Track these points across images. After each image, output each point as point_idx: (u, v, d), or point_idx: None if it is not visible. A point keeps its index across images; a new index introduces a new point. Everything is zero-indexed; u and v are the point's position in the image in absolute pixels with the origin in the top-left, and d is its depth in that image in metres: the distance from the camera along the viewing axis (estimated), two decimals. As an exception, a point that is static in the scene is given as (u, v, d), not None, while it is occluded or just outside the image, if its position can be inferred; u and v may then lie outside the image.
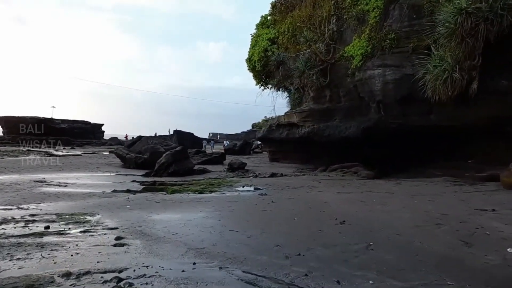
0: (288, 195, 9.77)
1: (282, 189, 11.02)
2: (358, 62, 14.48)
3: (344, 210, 7.65)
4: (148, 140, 20.70)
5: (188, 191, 10.63)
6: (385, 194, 9.73)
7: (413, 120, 13.66)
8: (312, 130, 17.70)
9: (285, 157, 22.67)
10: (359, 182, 12.78)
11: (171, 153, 15.50)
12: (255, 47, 24.06)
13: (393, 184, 11.95)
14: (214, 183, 12.18)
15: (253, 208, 8.01)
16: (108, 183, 12.65)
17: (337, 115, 17.19)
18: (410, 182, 12.16)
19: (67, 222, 6.59)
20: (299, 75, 16.73)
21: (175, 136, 30.82)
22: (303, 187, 11.42)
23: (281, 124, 21.50)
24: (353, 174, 15.07)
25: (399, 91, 13.39)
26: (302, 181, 13.11)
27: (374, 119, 14.86)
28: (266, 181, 13.15)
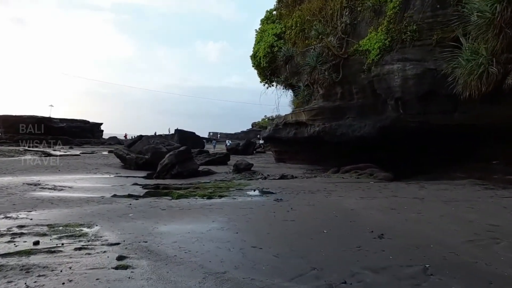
0: (306, 201, 8.84)
1: (298, 194, 10.09)
2: (375, 56, 13.55)
3: (376, 220, 6.73)
4: (149, 140, 19.76)
5: (195, 196, 9.70)
6: (414, 200, 8.80)
7: (435, 118, 12.74)
8: (323, 129, 16.77)
9: (292, 157, 21.76)
10: (378, 185, 11.85)
11: (175, 154, 14.57)
12: (260, 43, 23.13)
13: (417, 187, 11.04)
14: (222, 186, 11.25)
15: (271, 217, 7.07)
16: (107, 186, 11.71)
17: (349, 113, 16.27)
18: (435, 186, 11.25)
19: (60, 236, 5.65)
20: (310, 71, 15.81)
21: (176, 135, 29.83)
22: (320, 191, 10.49)
23: (288, 123, 20.58)
24: (369, 176, 14.15)
25: (420, 87, 12.46)
26: (317, 184, 12.18)
27: (391, 118, 13.93)
28: (277, 184, 12.23)
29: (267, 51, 22.19)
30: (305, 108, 18.63)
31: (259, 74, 25.56)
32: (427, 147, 16.00)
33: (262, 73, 25.13)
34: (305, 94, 17.08)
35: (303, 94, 17.14)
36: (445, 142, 14.63)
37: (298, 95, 17.97)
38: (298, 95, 17.80)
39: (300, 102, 18.46)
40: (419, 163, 16.23)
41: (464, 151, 14.38)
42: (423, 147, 16.25)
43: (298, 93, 17.90)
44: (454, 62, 10.45)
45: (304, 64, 16.12)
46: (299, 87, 17.80)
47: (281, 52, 18.61)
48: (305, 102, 17.98)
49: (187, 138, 29.72)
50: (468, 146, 14.01)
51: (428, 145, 15.64)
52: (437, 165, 15.44)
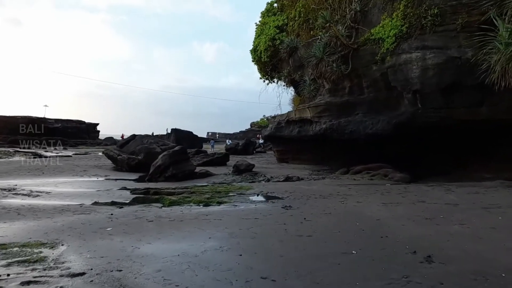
0: (320, 208, 7.51)
1: (308, 199, 8.76)
2: (390, 45, 12.22)
3: (413, 234, 5.40)
4: (143, 139, 18.40)
5: (190, 203, 8.37)
6: (447, 207, 7.47)
7: (459, 113, 11.41)
8: (331, 126, 15.43)
9: (295, 157, 20.41)
10: (397, 188, 10.52)
11: (169, 154, 13.22)
12: (261, 37, 21.79)
13: (443, 190, 9.70)
14: (221, 190, 9.91)
15: (282, 231, 5.74)
16: (91, 191, 10.35)
17: (359, 109, 14.93)
18: (463, 189, 9.92)
19: (10, 262, 4.31)
20: (316, 63, 14.47)
21: (173, 135, 28.38)
22: (333, 196, 9.17)
23: (291, 120, 19.23)
24: (383, 177, 12.83)
25: (442, 78, 11.13)
26: (327, 187, 10.85)
27: (408, 113, 12.60)
28: (283, 187, 10.90)
29: (268, 44, 20.85)
30: (310, 104, 17.30)
31: (259, 69, 24.23)
32: (443, 145, 14.71)
33: (263, 68, 23.79)
34: (311, 89, 15.72)
35: (309, 89, 15.79)
36: (464, 140, 13.32)
37: (303, 90, 16.61)
38: (303, 90, 16.44)
39: (306, 98, 17.13)
40: (434, 162, 14.92)
41: (484, 149, 13.08)
42: (438, 145, 14.95)
43: (303, 88, 16.54)
44: (489, 47, 9.12)
45: (310, 55, 14.77)
46: (303, 81, 16.44)
47: (284, 44, 17.23)
48: (310, 98, 16.65)
49: (184, 138, 28.31)
50: (489, 143, 12.72)
51: (445, 143, 14.33)
52: (455, 164, 14.13)
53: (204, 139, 58.18)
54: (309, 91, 15.94)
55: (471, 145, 13.22)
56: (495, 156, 12.64)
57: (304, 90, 16.38)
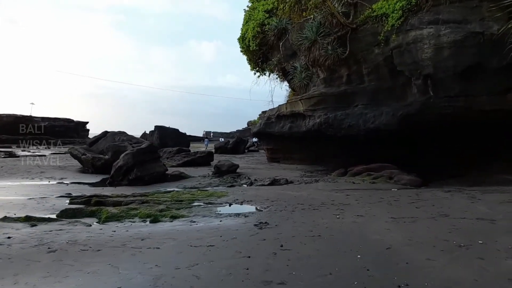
0: (307, 227, 5.43)
1: (294, 211, 6.68)
2: (396, 20, 10.17)
3: (446, 277, 3.33)
4: (114, 137, 16.30)
5: (134, 217, 6.29)
6: (481, 224, 5.41)
7: (480, 102, 9.38)
8: (326, 120, 13.36)
9: (287, 156, 18.34)
10: (406, 194, 8.45)
11: (132, 153, 11.11)
12: (249, 23, 19.70)
13: (466, 198, 7.64)
14: (185, 198, 7.81)
15: (241, 272, 3.66)
16: (21, 199, 8.23)
17: (358, 100, 12.87)
18: (490, 195, 7.86)
19: None
20: (308, 46, 12.38)
21: (156, 132, 26.18)
22: (326, 206, 7.09)
23: (282, 115, 17.15)
24: (388, 180, 10.77)
25: (460, 58, 9.09)
26: (320, 194, 8.78)
27: (418, 103, 10.54)
28: (265, 194, 8.83)
29: (257, 30, 18.76)
30: (302, 96, 15.21)
31: (249, 60, 22.13)
32: (456, 142, 12.68)
33: (252, 58, 21.69)
34: (302, 77, 13.62)
35: (300, 76, 13.68)
36: (482, 135, 11.30)
37: (293, 79, 14.50)
38: (294, 78, 14.33)
39: (297, 87, 15.01)
40: (445, 161, 12.90)
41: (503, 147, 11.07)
42: (451, 142, 12.92)
43: (293, 76, 14.43)
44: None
45: (301, 38, 12.67)
46: (293, 68, 14.32)
47: (272, 26, 15.13)
48: (301, 88, 14.55)
49: (169, 136, 26.16)
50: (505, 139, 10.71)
51: (458, 139, 12.30)
52: (470, 164, 12.10)
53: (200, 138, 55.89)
54: (300, 79, 13.83)
55: (490, 142, 11.21)
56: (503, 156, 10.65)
57: (295, 79, 14.27)
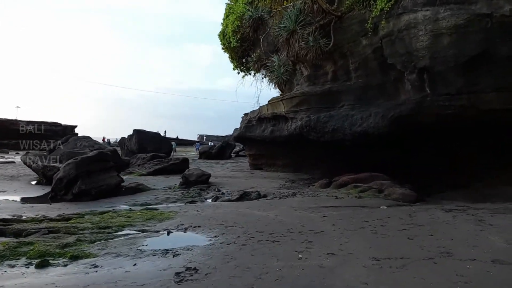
0: (250, 275, 3.74)
1: (245, 244, 4.99)
2: (386, 3, 8.53)
3: None
4: (76, 142, 14.60)
5: (22, 256, 4.59)
6: (501, 271, 3.72)
7: (487, 99, 7.74)
8: (307, 123, 11.69)
9: (270, 163, 16.64)
10: (398, 215, 6.76)
11: (75, 163, 9.37)
12: (230, 17, 18.06)
13: (472, 221, 5.97)
14: (114, 224, 6.08)
15: None
16: None
17: (344, 99, 11.21)
18: (501, 217, 6.21)
19: None
20: (287, 37, 10.72)
21: (134, 137, 24.35)
22: (291, 235, 5.40)
23: (263, 117, 15.48)
24: (377, 193, 9.08)
25: (463, 47, 7.45)
26: (292, 213, 7.09)
27: (412, 102, 8.88)
28: (225, 213, 7.13)
29: (237, 24, 17.10)
30: (283, 96, 13.56)
31: (231, 58, 20.47)
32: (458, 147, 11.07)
33: (235, 56, 20.03)
34: (281, 72, 11.94)
35: (279, 72, 12.00)
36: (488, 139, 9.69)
37: (272, 74, 12.82)
38: (272, 73, 12.66)
39: (275, 83, 13.33)
40: (446, 169, 11.28)
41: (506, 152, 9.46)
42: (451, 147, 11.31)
43: (271, 71, 12.76)
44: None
45: (279, 28, 11.02)
46: (271, 62, 12.64)
47: (247, 16, 13.49)
48: (281, 85, 12.88)
49: (149, 140, 24.39)
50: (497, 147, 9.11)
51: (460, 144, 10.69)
52: (472, 171, 10.48)
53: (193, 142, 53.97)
54: (278, 75, 12.14)
55: (497, 147, 9.57)
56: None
57: (272, 74, 12.59)
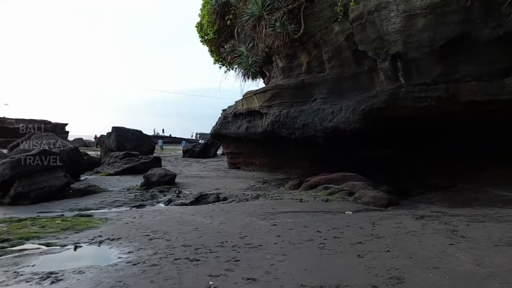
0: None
1: (156, 265, 4.03)
2: (355, -19, 7.56)
3: None
4: (39, 139, 13.52)
5: None
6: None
7: (468, 90, 6.79)
8: (277, 119, 10.75)
9: (248, 162, 15.68)
10: (361, 222, 5.82)
11: (10, 162, 8.38)
12: (206, 7, 17.03)
13: (443, 232, 5.03)
14: (15, 237, 5.10)
15: None
16: None
17: (318, 92, 10.26)
18: (477, 226, 5.26)
19: None
20: (254, 24, 9.75)
21: (113, 134, 23.27)
22: (220, 251, 4.45)
23: (239, 113, 14.50)
24: (347, 195, 8.14)
25: (440, 29, 6.50)
26: (240, 220, 6.15)
27: (385, 93, 7.93)
28: (162, 221, 6.20)
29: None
30: (258, 90, 12.59)
31: (210, 52, 19.33)
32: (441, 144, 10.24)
33: (215, 50, 18.98)
34: (249, 63, 10.96)
35: (247, 62, 11.01)
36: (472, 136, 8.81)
37: (240, 65, 11.83)
38: (240, 64, 11.66)
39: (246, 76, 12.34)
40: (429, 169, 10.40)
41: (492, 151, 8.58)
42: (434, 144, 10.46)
43: (239, 62, 11.76)
44: None
45: (246, 14, 10.04)
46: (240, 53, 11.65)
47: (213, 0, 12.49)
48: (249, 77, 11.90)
49: (129, 138, 23.32)
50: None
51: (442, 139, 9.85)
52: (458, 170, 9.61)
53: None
54: (246, 66, 11.15)
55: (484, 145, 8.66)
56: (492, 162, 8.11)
57: (241, 66, 11.60)
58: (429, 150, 10.79)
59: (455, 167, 9.91)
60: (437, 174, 10.30)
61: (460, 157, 9.66)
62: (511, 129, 7.51)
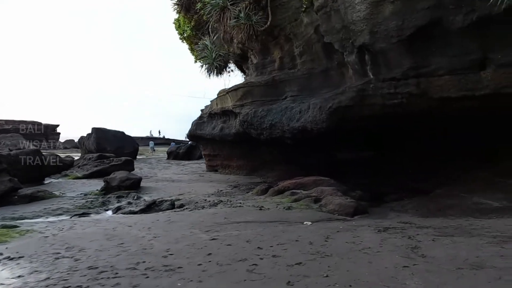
0: None
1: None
2: (318, -35, 6.82)
3: None
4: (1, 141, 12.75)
5: None
6: None
7: (440, 85, 6.04)
8: (245, 118, 10.00)
9: (225, 164, 14.90)
10: (313, 235, 5.06)
11: None
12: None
13: (401, 251, 4.26)
14: None
15: None
16: None
17: (288, 90, 9.51)
18: (444, 242, 4.52)
19: None
20: (217, 17, 9.01)
21: (93, 135, 22.37)
22: (125, 278, 3.67)
23: (214, 113, 13.75)
24: (313, 203, 7.38)
25: (408, 16, 5.77)
26: (179, 233, 5.41)
27: (352, 90, 7.17)
28: (91, 233, 5.44)
29: (190, 11, 15.32)
30: (230, 88, 11.83)
31: (190, 49, 18.54)
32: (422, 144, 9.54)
33: (195, 47, 18.28)
34: (213, 58, 10.19)
35: (211, 57, 10.23)
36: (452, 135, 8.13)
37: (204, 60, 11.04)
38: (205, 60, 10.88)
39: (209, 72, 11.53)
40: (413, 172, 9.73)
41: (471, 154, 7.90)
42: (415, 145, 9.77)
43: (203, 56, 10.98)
44: None
45: (210, 6, 9.30)
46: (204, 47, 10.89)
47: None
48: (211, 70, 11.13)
49: (109, 139, 22.39)
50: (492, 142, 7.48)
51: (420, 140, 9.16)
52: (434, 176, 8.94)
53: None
54: (210, 61, 10.37)
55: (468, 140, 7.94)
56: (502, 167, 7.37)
57: (205, 61, 10.83)
58: (411, 151, 10.08)
59: (438, 169, 9.21)
60: (419, 176, 9.61)
61: (445, 158, 8.97)
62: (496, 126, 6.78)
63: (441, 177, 8.92)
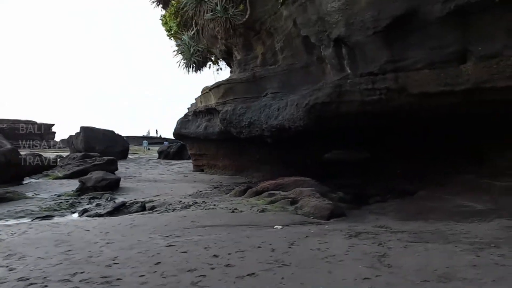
0: None
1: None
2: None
3: None
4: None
5: None
6: None
7: (418, 79, 5.66)
8: (224, 116, 9.63)
9: (211, 164, 14.52)
10: (279, 241, 4.70)
11: None
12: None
13: (367, 260, 3.88)
14: None
15: None
16: None
17: (269, 86, 9.14)
18: (417, 248, 4.14)
19: None
20: (193, 8, 8.63)
21: (81, 134, 21.99)
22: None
23: (198, 111, 13.37)
24: (289, 204, 7.01)
25: (385, 6, 5.39)
26: (137, 239, 5.04)
27: (329, 86, 6.81)
28: (35, 239, 5.05)
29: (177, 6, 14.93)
30: (212, 86, 11.45)
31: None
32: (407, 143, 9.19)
33: (182, 45, 17.88)
34: (191, 53, 9.81)
35: (188, 53, 9.86)
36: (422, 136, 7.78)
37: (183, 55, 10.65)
38: (184, 55, 10.50)
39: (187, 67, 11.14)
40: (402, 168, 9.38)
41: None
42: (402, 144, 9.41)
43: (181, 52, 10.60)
44: None
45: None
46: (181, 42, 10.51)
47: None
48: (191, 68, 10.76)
49: (98, 138, 21.97)
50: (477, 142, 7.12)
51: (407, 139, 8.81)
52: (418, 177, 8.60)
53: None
54: (187, 57, 10.00)
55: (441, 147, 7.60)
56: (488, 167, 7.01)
57: (183, 56, 10.44)
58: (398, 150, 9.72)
59: (427, 168, 8.86)
60: (407, 176, 9.26)
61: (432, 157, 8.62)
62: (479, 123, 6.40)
63: (427, 177, 8.57)
